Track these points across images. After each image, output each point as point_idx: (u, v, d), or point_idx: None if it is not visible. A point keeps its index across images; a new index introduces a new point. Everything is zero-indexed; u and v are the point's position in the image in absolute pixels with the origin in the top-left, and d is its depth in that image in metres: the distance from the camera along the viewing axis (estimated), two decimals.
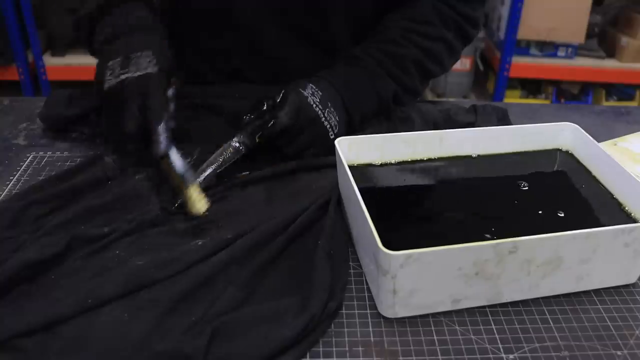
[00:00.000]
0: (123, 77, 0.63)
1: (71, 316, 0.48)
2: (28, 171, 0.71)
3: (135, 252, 0.55)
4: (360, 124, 0.74)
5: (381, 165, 0.64)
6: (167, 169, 0.62)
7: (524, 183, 0.63)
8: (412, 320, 0.52)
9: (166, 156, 0.62)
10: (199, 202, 0.61)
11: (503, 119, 0.82)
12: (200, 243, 0.56)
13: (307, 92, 0.69)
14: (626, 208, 0.58)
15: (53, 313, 0.48)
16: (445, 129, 0.69)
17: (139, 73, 0.63)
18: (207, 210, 0.61)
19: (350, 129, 0.73)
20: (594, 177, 0.63)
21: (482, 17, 0.86)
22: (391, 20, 0.80)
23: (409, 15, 0.80)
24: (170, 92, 0.65)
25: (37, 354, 0.46)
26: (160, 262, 0.53)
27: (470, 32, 0.83)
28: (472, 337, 0.50)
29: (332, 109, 0.69)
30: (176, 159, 0.62)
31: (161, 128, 0.61)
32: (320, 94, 0.69)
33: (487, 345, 0.50)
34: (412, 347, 0.49)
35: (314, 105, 0.68)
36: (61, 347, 0.46)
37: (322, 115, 0.68)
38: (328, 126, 0.69)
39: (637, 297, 0.55)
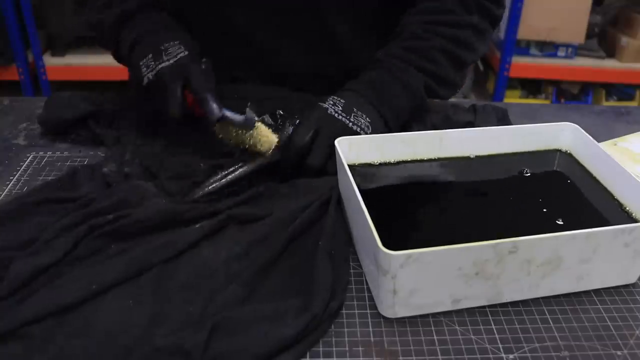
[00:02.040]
0: (159, 67, 0.67)
1: (76, 304, 0.50)
2: (28, 171, 0.71)
3: (134, 240, 0.56)
4: (398, 120, 0.72)
5: (381, 165, 0.64)
6: (226, 130, 0.66)
7: (523, 183, 0.63)
8: (412, 320, 0.52)
9: (222, 118, 0.65)
10: (268, 137, 0.66)
11: (503, 119, 0.82)
12: (197, 226, 0.58)
13: (327, 104, 0.68)
14: (626, 208, 0.58)
15: (58, 302, 0.49)
16: (445, 128, 0.69)
17: (173, 60, 0.68)
18: (278, 144, 0.66)
19: (389, 128, 0.71)
20: (594, 178, 0.63)
21: None
22: (410, 17, 0.79)
23: (427, 8, 0.79)
24: (204, 68, 0.69)
25: (45, 341, 0.47)
26: (157, 245, 0.55)
27: (494, 11, 0.81)
28: (472, 337, 0.50)
29: (358, 112, 0.68)
30: (232, 115, 0.65)
31: (210, 97, 0.65)
32: (343, 101, 0.69)
33: (487, 345, 0.50)
34: (412, 347, 0.49)
35: (337, 115, 0.67)
36: (68, 333, 0.47)
37: (348, 121, 0.67)
38: (358, 129, 0.68)
39: (637, 297, 0.55)
